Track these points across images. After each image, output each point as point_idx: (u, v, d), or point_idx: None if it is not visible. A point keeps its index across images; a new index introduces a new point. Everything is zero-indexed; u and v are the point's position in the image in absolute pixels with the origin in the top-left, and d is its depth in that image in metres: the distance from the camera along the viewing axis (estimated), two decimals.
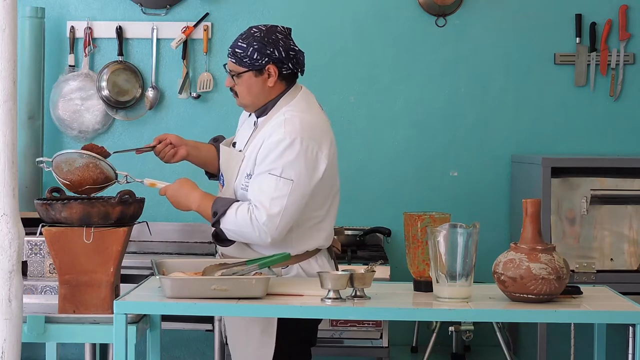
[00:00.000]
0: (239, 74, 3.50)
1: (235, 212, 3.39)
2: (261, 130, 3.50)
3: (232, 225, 3.40)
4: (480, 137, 5.38)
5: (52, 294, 3.74)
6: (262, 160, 3.41)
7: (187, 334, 5.35)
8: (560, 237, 4.74)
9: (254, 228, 3.36)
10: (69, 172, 3.47)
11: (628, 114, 5.36)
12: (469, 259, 3.10)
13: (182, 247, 5.01)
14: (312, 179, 3.41)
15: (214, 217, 3.42)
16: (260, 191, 3.38)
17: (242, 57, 3.49)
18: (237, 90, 3.53)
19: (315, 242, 3.53)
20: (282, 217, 3.36)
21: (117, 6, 5.41)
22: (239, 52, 3.50)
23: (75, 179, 3.47)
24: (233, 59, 3.51)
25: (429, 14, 5.36)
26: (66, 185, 3.50)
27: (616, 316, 3.10)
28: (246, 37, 3.51)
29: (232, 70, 3.53)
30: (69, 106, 5.34)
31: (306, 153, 3.39)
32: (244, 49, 3.49)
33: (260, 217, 3.35)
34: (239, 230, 3.40)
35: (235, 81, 3.52)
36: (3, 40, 2.87)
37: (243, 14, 5.39)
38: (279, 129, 3.41)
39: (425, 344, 4.97)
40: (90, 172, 3.48)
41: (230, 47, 3.54)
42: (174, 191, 3.53)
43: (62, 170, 3.47)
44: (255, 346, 3.51)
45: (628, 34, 5.33)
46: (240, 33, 3.57)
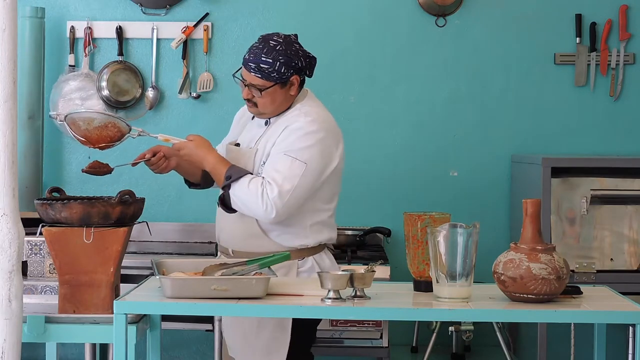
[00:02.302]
0: (266, 88, 3.54)
1: (248, 181, 3.48)
2: (274, 125, 3.60)
3: (241, 193, 3.49)
4: (480, 137, 5.38)
5: (52, 294, 3.74)
6: (279, 143, 3.53)
7: (187, 334, 5.35)
8: (560, 237, 4.74)
9: (263, 201, 3.45)
10: (87, 130, 3.55)
11: (628, 114, 5.36)
12: (469, 259, 3.10)
13: (182, 247, 5.01)
14: (324, 170, 3.54)
15: (226, 180, 3.49)
16: (274, 169, 3.48)
17: (269, 72, 3.52)
18: (258, 101, 3.58)
19: (327, 235, 3.67)
20: (291, 197, 3.47)
21: (117, 6, 5.41)
22: (266, 67, 3.51)
23: (93, 136, 3.56)
24: (258, 74, 3.52)
25: (429, 14, 5.37)
26: (81, 141, 3.59)
27: (616, 316, 3.10)
28: (269, 51, 3.52)
29: (258, 85, 3.54)
30: (69, 106, 5.33)
31: (323, 144, 3.54)
32: (270, 64, 3.52)
33: (271, 191, 3.44)
34: (247, 199, 3.48)
35: (257, 94, 3.56)
36: (3, 40, 2.88)
37: (243, 14, 5.39)
38: (301, 118, 3.55)
39: (425, 344, 4.97)
40: (108, 131, 3.57)
41: (252, 62, 3.53)
42: (191, 149, 3.58)
43: (80, 128, 3.55)
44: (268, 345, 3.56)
45: (628, 34, 5.33)
46: (255, 46, 3.57)
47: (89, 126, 3.55)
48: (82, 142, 3.59)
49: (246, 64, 3.55)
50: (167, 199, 5.39)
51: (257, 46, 3.55)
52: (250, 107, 3.63)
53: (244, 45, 5.37)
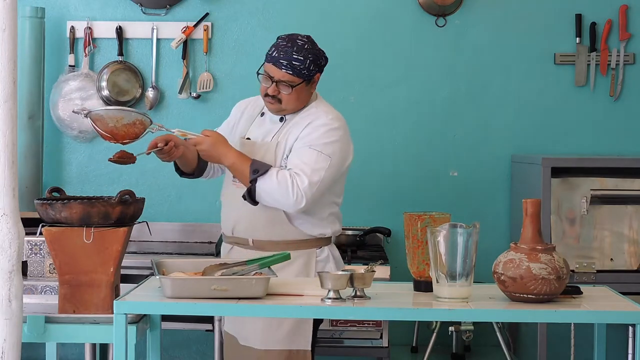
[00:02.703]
0: (296, 85, 3.68)
1: (276, 174, 3.61)
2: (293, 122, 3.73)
3: (269, 186, 3.60)
4: (480, 137, 5.38)
5: (52, 294, 3.74)
6: (303, 137, 3.68)
7: (187, 334, 5.35)
8: (560, 237, 4.74)
9: (293, 192, 3.59)
10: (115, 127, 3.57)
11: (628, 114, 5.36)
12: (469, 259, 3.10)
13: (182, 247, 5.01)
14: (342, 165, 3.74)
15: (254, 174, 3.59)
16: (302, 162, 3.63)
17: (300, 69, 3.67)
18: (284, 98, 3.70)
19: (338, 227, 3.86)
20: (318, 188, 3.63)
21: (117, 6, 5.41)
22: (297, 64, 3.67)
23: (120, 133, 3.59)
24: (290, 70, 3.66)
25: (429, 14, 5.37)
26: (106, 137, 3.61)
27: (616, 316, 3.10)
28: (299, 49, 3.68)
29: (289, 81, 3.67)
30: (69, 106, 5.33)
31: (343, 141, 3.74)
32: (301, 61, 3.67)
33: (301, 182, 3.59)
34: (276, 191, 3.60)
35: (286, 90, 3.69)
36: (3, 40, 2.87)
37: (243, 14, 5.39)
38: (324, 115, 3.72)
39: (425, 344, 4.97)
40: (135, 128, 3.61)
41: (284, 59, 3.66)
42: (209, 145, 3.66)
43: (107, 125, 3.57)
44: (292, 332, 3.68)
45: (628, 34, 5.33)
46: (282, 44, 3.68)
47: (118, 123, 3.58)
48: (106, 138, 3.61)
49: (276, 61, 3.66)
50: (167, 199, 5.39)
51: (285, 44, 3.68)
52: (272, 104, 3.73)
53: (244, 45, 5.39)
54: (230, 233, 3.81)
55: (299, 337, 3.72)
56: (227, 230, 3.84)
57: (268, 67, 3.69)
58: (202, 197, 5.39)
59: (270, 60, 3.68)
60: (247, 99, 3.99)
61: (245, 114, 3.92)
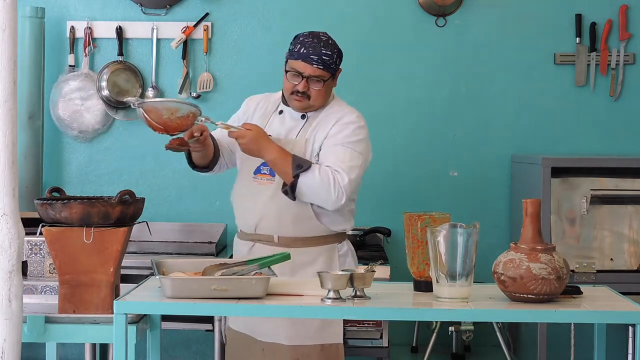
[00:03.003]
0: (327, 79, 3.75)
1: (318, 170, 3.66)
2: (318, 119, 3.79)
3: (311, 182, 3.65)
4: (480, 137, 5.38)
5: (52, 294, 3.74)
6: (334, 135, 3.74)
7: (187, 334, 5.35)
8: (560, 237, 4.74)
9: (335, 189, 3.65)
10: (169, 119, 3.57)
11: (628, 114, 5.36)
12: (469, 259, 3.10)
13: (182, 247, 5.01)
14: (367, 161, 3.83)
15: (297, 169, 3.63)
16: (338, 159, 3.70)
17: (329, 64, 3.74)
18: (312, 94, 3.75)
19: (353, 222, 3.94)
20: (354, 184, 3.74)
21: (117, 6, 5.41)
22: (327, 59, 3.74)
23: (173, 125, 3.59)
24: (321, 65, 3.72)
25: (429, 14, 5.37)
26: (157, 129, 3.60)
27: (616, 316, 3.10)
28: (326, 45, 3.75)
29: (320, 77, 3.73)
30: (69, 106, 5.33)
31: (368, 139, 3.82)
32: (330, 56, 3.74)
33: (342, 180, 3.66)
34: (319, 187, 3.65)
35: (317, 86, 3.74)
36: (3, 40, 2.87)
37: (243, 14, 5.39)
38: (350, 113, 3.81)
39: (425, 344, 4.97)
40: (188, 120, 3.63)
41: (315, 55, 3.72)
42: (251, 139, 3.67)
43: (161, 117, 3.56)
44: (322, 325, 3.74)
45: (628, 34, 5.33)
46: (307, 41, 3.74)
47: (172, 115, 3.58)
48: (156, 129, 3.60)
49: (307, 57, 3.71)
50: (167, 199, 5.39)
51: (311, 40, 3.74)
52: (300, 101, 3.77)
53: (244, 45, 5.39)
54: (253, 230, 3.81)
55: (330, 330, 3.76)
56: (247, 227, 3.84)
57: (297, 64, 3.73)
58: (202, 197, 5.39)
59: (299, 56, 3.72)
60: (257, 96, 4.01)
61: (258, 110, 3.93)
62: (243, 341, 3.83)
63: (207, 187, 5.37)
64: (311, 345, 3.74)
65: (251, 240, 3.82)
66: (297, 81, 3.74)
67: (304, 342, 3.73)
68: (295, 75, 3.74)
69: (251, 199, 3.81)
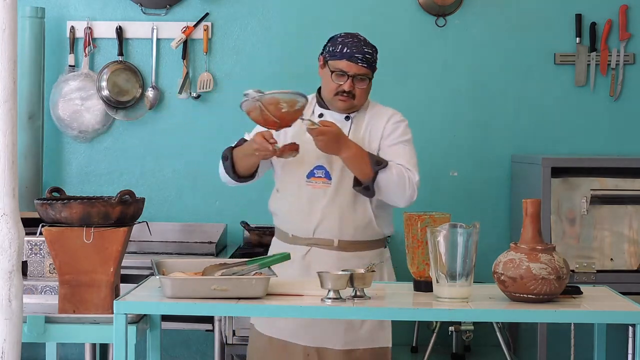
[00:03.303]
0: (371, 77, 3.83)
1: (394, 167, 3.72)
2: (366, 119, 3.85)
3: (389, 178, 3.70)
4: (480, 137, 5.38)
5: (52, 294, 3.74)
6: (389, 134, 3.82)
7: (187, 334, 5.35)
8: (560, 237, 4.74)
9: (409, 186, 3.73)
10: (286, 113, 3.50)
11: (628, 114, 5.36)
12: (469, 259, 3.10)
13: (182, 247, 5.01)
14: None
15: (377, 165, 3.67)
16: (404, 159, 3.78)
17: (372, 61, 3.82)
18: (357, 93, 3.80)
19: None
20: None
21: (117, 6, 5.41)
22: (370, 57, 3.81)
23: (287, 119, 3.53)
24: (365, 64, 3.79)
25: (429, 14, 5.36)
26: (272, 123, 3.52)
27: (616, 316, 3.10)
28: (365, 43, 3.82)
29: (365, 75, 3.80)
30: (69, 106, 5.33)
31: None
32: (371, 54, 3.83)
33: (414, 177, 3.75)
34: (395, 185, 3.71)
35: (361, 84, 3.79)
36: (3, 40, 2.87)
37: (243, 14, 5.39)
38: (395, 112, 3.89)
39: (425, 344, 4.97)
40: (298, 114, 3.59)
41: (359, 54, 3.78)
42: (333, 136, 3.64)
43: (280, 110, 3.49)
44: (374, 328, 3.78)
45: (628, 34, 5.33)
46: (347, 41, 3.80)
47: (290, 108, 3.52)
48: (270, 124, 3.52)
49: (351, 56, 3.77)
50: (167, 199, 5.39)
51: (351, 40, 3.80)
52: (345, 101, 3.79)
53: (244, 45, 5.39)
54: (311, 234, 3.80)
55: (381, 334, 3.80)
56: (304, 232, 3.80)
57: (341, 63, 3.76)
58: (202, 197, 5.39)
59: (343, 56, 3.76)
60: None
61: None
62: (278, 346, 3.79)
63: (207, 187, 5.37)
64: (363, 349, 3.77)
65: (308, 245, 3.80)
66: (342, 81, 3.77)
67: (356, 346, 3.76)
68: (340, 75, 3.77)
69: (308, 203, 3.79)
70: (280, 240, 3.90)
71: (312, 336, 3.75)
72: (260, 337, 3.84)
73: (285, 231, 3.87)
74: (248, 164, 3.80)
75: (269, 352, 3.81)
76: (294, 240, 3.83)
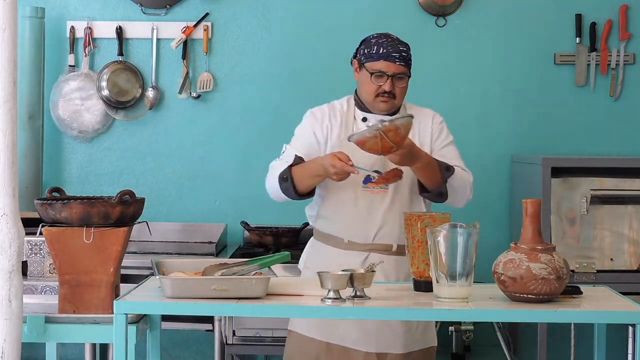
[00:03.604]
0: (409, 75, 3.82)
1: (460, 171, 3.78)
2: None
3: (457, 183, 3.76)
4: (480, 137, 5.38)
5: (52, 294, 3.74)
6: (438, 136, 3.85)
7: (187, 334, 5.35)
8: (560, 237, 4.74)
9: (470, 188, 3.82)
10: (402, 136, 3.48)
11: (628, 114, 5.36)
12: (469, 259, 3.10)
13: (182, 247, 5.01)
14: None
15: (447, 171, 3.72)
16: (456, 159, 3.83)
17: (408, 59, 3.82)
18: (397, 92, 3.79)
19: None
20: None
21: (117, 6, 5.41)
22: (405, 55, 3.81)
23: (402, 142, 3.49)
24: (402, 62, 3.79)
25: (429, 14, 5.36)
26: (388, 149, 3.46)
27: (616, 316, 3.10)
28: (399, 42, 3.82)
29: (404, 73, 3.79)
30: (69, 106, 5.33)
31: None
32: (406, 52, 3.82)
33: (470, 178, 3.84)
34: (461, 188, 3.78)
35: (401, 83, 3.79)
36: (3, 40, 2.87)
37: (243, 14, 5.39)
38: (435, 114, 3.93)
39: None
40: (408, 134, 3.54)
41: (395, 52, 3.78)
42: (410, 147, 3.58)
43: (399, 135, 3.46)
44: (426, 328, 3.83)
45: (628, 34, 5.33)
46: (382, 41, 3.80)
47: (406, 132, 3.50)
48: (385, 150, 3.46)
49: (388, 56, 3.76)
50: (167, 199, 5.39)
51: (385, 40, 3.80)
52: (386, 102, 3.79)
53: (244, 45, 5.39)
54: (370, 240, 3.76)
55: (429, 334, 3.84)
56: (363, 238, 3.76)
57: (379, 64, 3.75)
58: (202, 197, 5.39)
59: (379, 57, 3.76)
60: (321, 107, 3.91)
61: (332, 119, 3.85)
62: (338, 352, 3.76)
63: (207, 187, 5.37)
64: (417, 351, 3.80)
65: (366, 251, 3.77)
66: (381, 82, 3.76)
67: (412, 349, 3.78)
68: (379, 76, 3.76)
69: (367, 209, 3.75)
70: (331, 246, 3.81)
71: (375, 342, 3.74)
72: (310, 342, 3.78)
73: (339, 237, 3.80)
74: (313, 184, 3.74)
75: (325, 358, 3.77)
76: (350, 247, 3.77)
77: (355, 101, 3.89)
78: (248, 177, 5.35)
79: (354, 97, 3.92)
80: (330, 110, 3.88)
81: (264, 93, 5.37)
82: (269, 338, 4.62)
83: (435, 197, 3.77)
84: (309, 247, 3.95)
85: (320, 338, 3.76)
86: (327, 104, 3.92)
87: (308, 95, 5.30)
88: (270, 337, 4.62)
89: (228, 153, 5.38)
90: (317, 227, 3.89)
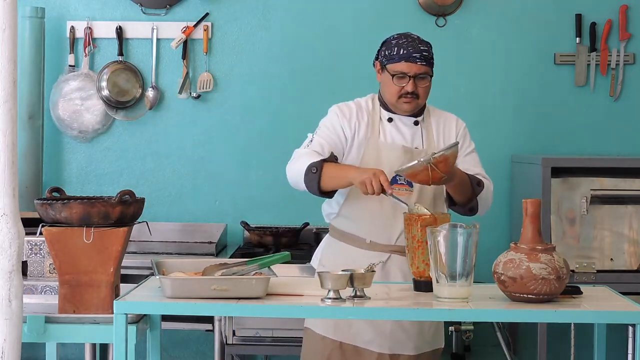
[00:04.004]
0: (432, 75, 3.80)
1: (488, 185, 3.78)
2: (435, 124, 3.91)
3: (485, 195, 3.77)
4: (480, 137, 5.35)
5: (52, 294, 3.74)
6: (462, 143, 3.86)
7: (187, 334, 5.35)
8: (560, 237, 4.74)
9: (491, 196, 3.82)
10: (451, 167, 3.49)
11: (628, 114, 5.36)
12: (469, 259, 3.10)
13: (182, 247, 5.01)
14: None
15: (478, 186, 3.72)
16: (478, 166, 3.84)
17: (430, 59, 3.78)
18: (420, 92, 3.78)
19: None
20: None
21: (117, 6, 5.41)
22: (427, 55, 3.77)
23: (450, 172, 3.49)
24: (424, 62, 3.76)
25: (429, 14, 5.36)
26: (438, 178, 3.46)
27: (616, 316, 3.10)
28: (420, 41, 3.78)
29: (426, 73, 3.77)
30: (69, 106, 5.33)
31: None
32: (428, 51, 3.78)
33: (491, 187, 3.82)
34: (488, 199, 3.80)
35: (423, 83, 3.77)
36: (3, 40, 2.87)
37: (243, 14, 5.39)
38: (458, 119, 3.97)
39: None
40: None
41: (416, 53, 3.73)
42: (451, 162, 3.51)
43: (449, 166, 3.47)
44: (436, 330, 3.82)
45: (628, 34, 5.33)
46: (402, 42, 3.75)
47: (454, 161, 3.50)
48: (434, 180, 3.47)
49: (409, 56, 3.73)
50: (167, 199, 5.39)
51: (405, 40, 3.76)
52: (410, 103, 3.77)
53: (244, 45, 5.38)
54: (393, 242, 3.75)
55: (438, 335, 3.82)
56: (386, 239, 3.75)
57: (400, 65, 3.72)
58: (202, 197, 5.39)
59: (400, 58, 3.72)
60: (347, 104, 3.87)
61: (360, 118, 3.82)
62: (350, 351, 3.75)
63: (207, 187, 5.37)
64: (428, 352, 3.80)
65: (388, 252, 3.76)
66: (404, 83, 3.73)
67: (423, 350, 3.78)
68: (401, 77, 3.73)
69: (392, 211, 3.72)
70: (352, 245, 3.79)
71: (388, 343, 3.73)
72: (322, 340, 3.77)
73: (362, 237, 3.78)
74: (339, 185, 3.67)
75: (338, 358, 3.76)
76: (372, 247, 3.76)
77: (380, 101, 3.87)
78: (248, 177, 5.35)
79: (378, 97, 3.89)
80: (358, 108, 3.84)
81: (264, 93, 5.37)
82: (269, 338, 4.62)
83: (466, 212, 3.77)
84: (325, 244, 3.92)
85: (334, 337, 3.76)
86: (353, 102, 3.87)
87: (308, 95, 5.30)
88: (270, 337, 4.62)
89: (228, 153, 5.38)
90: (337, 226, 3.85)
